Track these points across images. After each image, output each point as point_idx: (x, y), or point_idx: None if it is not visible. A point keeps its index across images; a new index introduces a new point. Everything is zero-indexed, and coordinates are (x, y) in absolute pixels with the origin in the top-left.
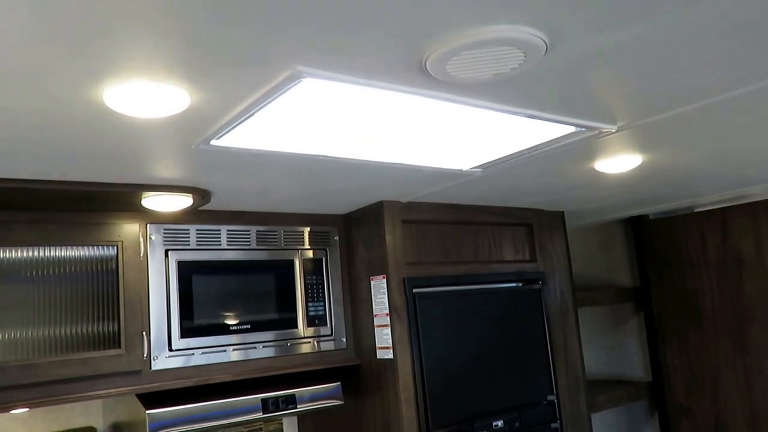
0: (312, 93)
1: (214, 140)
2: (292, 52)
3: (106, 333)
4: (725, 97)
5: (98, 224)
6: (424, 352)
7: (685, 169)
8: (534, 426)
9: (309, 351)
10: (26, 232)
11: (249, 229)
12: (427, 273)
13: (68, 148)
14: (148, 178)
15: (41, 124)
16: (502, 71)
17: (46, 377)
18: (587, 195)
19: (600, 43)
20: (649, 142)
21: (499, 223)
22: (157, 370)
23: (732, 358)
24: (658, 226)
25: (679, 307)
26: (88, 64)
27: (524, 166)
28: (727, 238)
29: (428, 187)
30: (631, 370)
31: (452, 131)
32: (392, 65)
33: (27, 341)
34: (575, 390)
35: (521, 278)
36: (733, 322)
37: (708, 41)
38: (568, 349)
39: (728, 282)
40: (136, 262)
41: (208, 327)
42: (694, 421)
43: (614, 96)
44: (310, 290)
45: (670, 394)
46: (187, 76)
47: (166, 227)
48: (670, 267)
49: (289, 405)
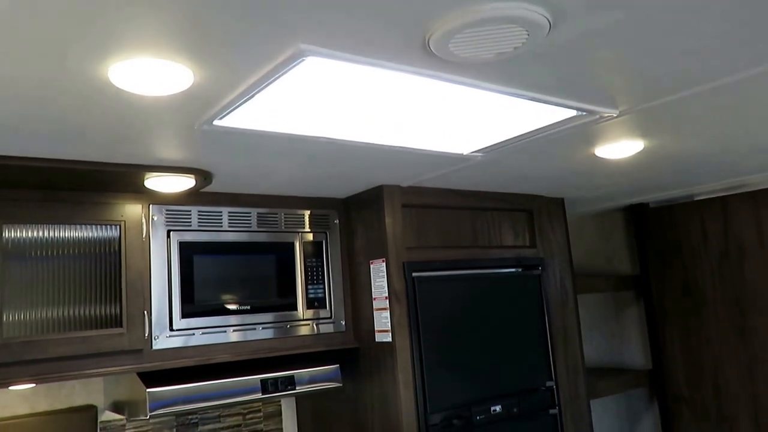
0: (314, 74)
1: (217, 120)
2: (295, 30)
3: (108, 312)
4: (729, 80)
5: (101, 204)
6: (423, 336)
7: (686, 156)
8: (532, 412)
9: (308, 333)
10: (33, 210)
11: (250, 211)
12: (426, 257)
13: (73, 125)
14: (152, 158)
15: (45, 100)
16: (505, 50)
17: (49, 354)
18: (588, 181)
19: (603, 22)
20: (651, 127)
21: (499, 208)
22: (157, 349)
23: (734, 347)
24: (658, 214)
25: (679, 296)
26: (94, 39)
27: (525, 150)
28: (729, 226)
29: (429, 171)
30: (631, 358)
31: (453, 115)
32: (395, 43)
33: (30, 319)
34: (574, 376)
35: (521, 264)
36: (735, 311)
37: (712, 21)
38: (568, 336)
39: (729, 270)
40: (139, 242)
41: (208, 308)
42: (694, 410)
43: (616, 79)
44: (310, 273)
45: (671, 382)
46: (190, 54)
47: (169, 208)
48: (671, 255)
49: (288, 386)
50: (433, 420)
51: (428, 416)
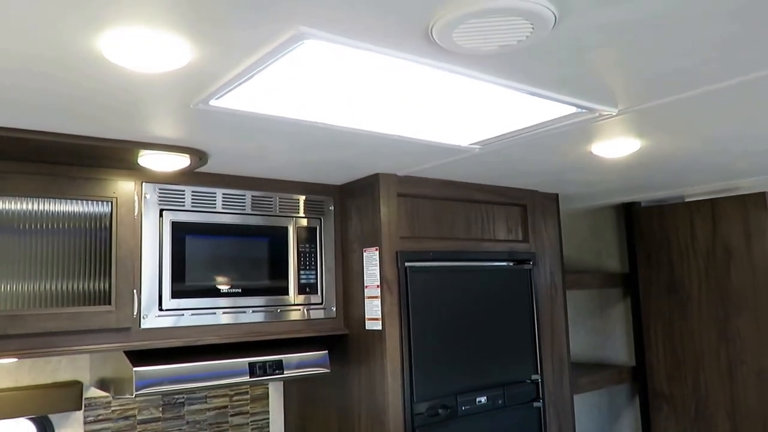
0: (314, 59)
1: (213, 100)
2: (295, 11)
3: (97, 289)
4: (731, 83)
5: (93, 179)
6: (413, 326)
7: (679, 156)
8: (517, 404)
9: (298, 318)
10: (22, 183)
11: (244, 193)
12: (419, 247)
13: (65, 97)
14: (146, 135)
15: (37, 71)
16: (508, 43)
17: (35, 329)
18: (583, 178)
19: (609, 18)
20: (649, 127)
21: (493, 201)
22: (146, 328)
23: (716, 347)
24: (648, 214)
25: (665, 294)
26: (87, 7)
27: (522, 145)
28: (717, 228)
29: (426, 161)
30: (615, 354)
31: (453, 106)
32: (397, 30)
33: (17, 292)
34: (559, 371)
35: (512, 258)
36: (719, 312)
37: (716, 22)
38: (555, 331)
39: (715, 271)
40: (130, 220)
41: (199, 289)
42: (674, 407)
43: (617, 77)
44: (303, 258)
45: (652, 379)
46: (187, 29)
47: (162, 187)
48: (659, 254)
49: (276, 370)
50: (419, 409)
51: (414, 405)
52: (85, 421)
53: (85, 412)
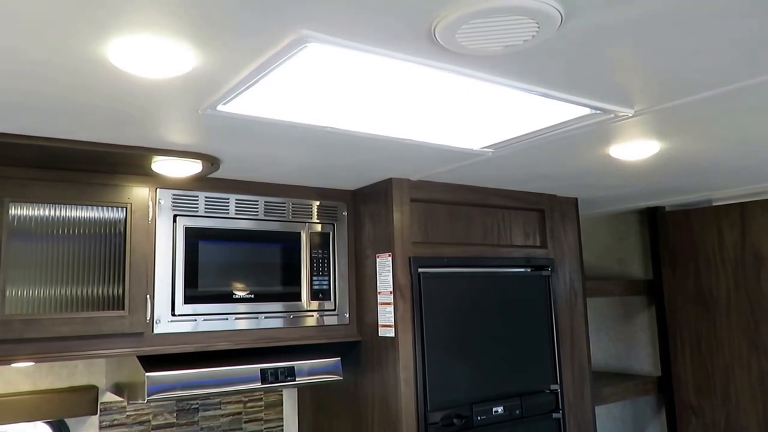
0: (319, 62)
1: (221, 105)
2: (297, 15)
3: (110, 294)
4: (751, 83)
5: (108, 185)
6: (427, 333)
7: (704, 159)
8: (535, 415)
9: (312, 324)
10: (40, 190)
11: (258, 199)
12: (433, 253)
13: (78, 104)
14: (158, 141)
15: (50, 77)
16: (514, 43)
17: (50, 333)
18: (601, 182)
19: (618, 17)
20: (668, 128)
21: (510, 206)
22: (159, 333)
23: (746, 358)
24: (674, 219)
25: (692, 303)
26: (94, 16)
27: (536, 148)
28: (746, 234)
29: (438, 165)
30: (639, 364)
31: (464, 109)
32: (400, 32)
33: (33, 297)
34: (580, 380)
35: (530, 264)
36: (749, 321)
37: (732, 19)
38: (575, 339)
39: (745, 279)
40: (144, 225)
41: (212, 294)
42: (703, 420)
43: (631, 77)
44: (316, 264)
45: (680, 391)
46: (191, 34)
47: (175, 192)
48: (685, 261)
49: (288, 377)
50: (433, 418)
51: (428, 414)
52: (101, 426)
53: (100, 417)
